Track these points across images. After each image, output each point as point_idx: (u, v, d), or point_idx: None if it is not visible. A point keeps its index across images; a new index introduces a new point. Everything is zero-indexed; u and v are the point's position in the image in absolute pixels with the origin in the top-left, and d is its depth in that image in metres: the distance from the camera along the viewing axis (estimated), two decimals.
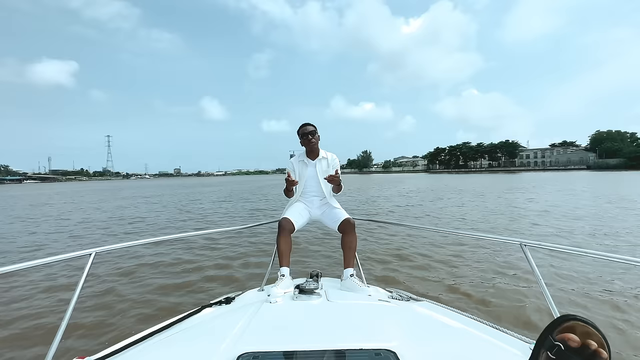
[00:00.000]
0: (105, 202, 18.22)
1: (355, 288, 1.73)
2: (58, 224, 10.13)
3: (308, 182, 2.27)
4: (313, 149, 2.24)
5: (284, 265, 1.87)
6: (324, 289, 1.68)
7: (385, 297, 1.60)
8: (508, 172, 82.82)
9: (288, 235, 1.97)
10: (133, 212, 12.81)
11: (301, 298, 1.49)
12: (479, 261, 4.85)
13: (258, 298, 1.60)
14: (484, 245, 5.51)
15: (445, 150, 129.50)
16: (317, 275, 1.79)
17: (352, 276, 1.81)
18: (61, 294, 3.92)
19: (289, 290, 1.62)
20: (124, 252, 5.49)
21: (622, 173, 49.53)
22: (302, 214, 2.19)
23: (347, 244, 1.99)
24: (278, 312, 1.34)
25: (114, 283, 4.27)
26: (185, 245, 6.13)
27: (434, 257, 5.08)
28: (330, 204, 2.24)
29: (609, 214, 9.16)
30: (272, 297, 1.48)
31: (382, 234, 6.73)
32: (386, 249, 5.65)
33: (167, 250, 5.83)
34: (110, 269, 4.83)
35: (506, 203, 12.67)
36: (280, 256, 1.91)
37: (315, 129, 2.20)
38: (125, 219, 10.78)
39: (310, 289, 1.51)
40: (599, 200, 12.79)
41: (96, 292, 3.93)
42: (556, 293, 3.57)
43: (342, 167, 2.36)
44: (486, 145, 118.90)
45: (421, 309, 1.46)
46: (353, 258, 1.97)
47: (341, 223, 2.04)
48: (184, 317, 1.43)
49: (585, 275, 4.12)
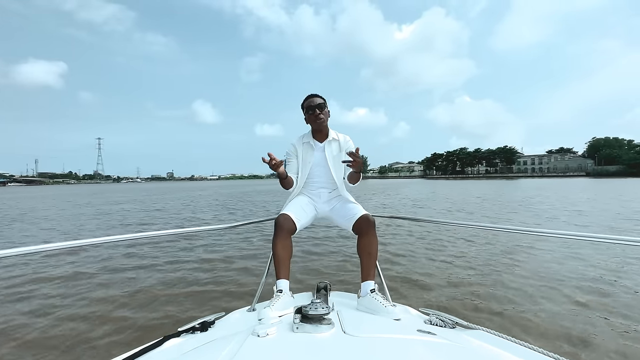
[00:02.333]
0: (36, 211, 15.21)
1: (378, 309, 1.30)
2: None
3: (314, 170, 1.86)
4: (321, 128, 1.83)
5: (282, 278, 1.48)
6: (336, 310, 1.24)
7: (422, 323, 1.18)
8: (506, 178, 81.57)
9: (288, 237, 1.57)
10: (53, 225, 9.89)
11: (304, 328, 1.01)
12: (562, 266, 3.71)
13: (245, 324, 1.22)
14: (574, 247, 4.37)
15: (443, 155, 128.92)
16: (326, 289, 1.53)
17: (374, 292, 1.41)
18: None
19: (287, 312, 1.27)
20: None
21: (627, 180, 47.77)
22: (305, 209, 1.78)
23: (366, 248, 1.56)
24: (269, 352, 0.90)
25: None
26: (147, 246, 4.89)
27: (486, 263, 4.03)
28: (343, 196, 1.84)
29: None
30: (263, 327, 1.02)
31: (407, 234, 5.55)
32: (414, 253, 4.60)
33: (114, 252, 4.64)
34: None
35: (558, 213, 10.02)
36: (277, 265, 1.50)
37: (324, 101, 1.79)
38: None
39: (317, 315, 1.02)
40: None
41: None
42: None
43: None
44: (484, 151, 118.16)
45: (477, 341, 1.02)
46: (374, 267, 1.56)
47: (357, 221, 1.62)
48: (138, 353, 1.00)
49: None
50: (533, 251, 4.63)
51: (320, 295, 1.50)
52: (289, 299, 1.40)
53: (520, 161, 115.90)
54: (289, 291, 1.46)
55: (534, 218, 9.08)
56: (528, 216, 9.51)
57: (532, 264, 3.97)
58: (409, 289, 3.43)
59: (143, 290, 3.49)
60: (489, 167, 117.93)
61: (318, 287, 1.55)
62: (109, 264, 4.47)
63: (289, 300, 1.38)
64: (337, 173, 1.85)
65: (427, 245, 5.10)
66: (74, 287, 3.65)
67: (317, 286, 1.55)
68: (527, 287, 3.34)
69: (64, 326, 2.71)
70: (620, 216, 8.89)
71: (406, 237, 5.62)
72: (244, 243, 5.42)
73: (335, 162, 1.84)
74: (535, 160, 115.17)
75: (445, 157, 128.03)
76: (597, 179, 61.83)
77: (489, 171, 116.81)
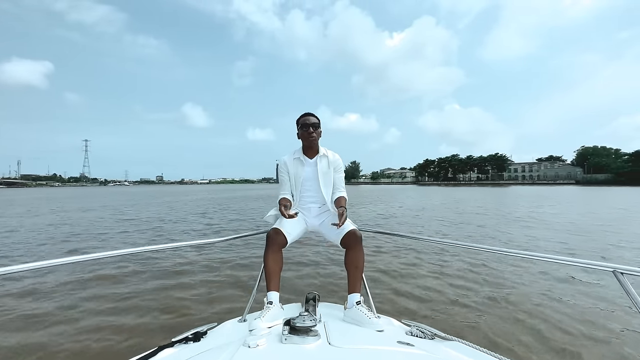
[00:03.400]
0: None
1: (363, 320, 1.41)
2: None
3: (305, 185, 1.93)
4: (312, 145, 1.90)
5: (272, 290, 1.56)
6: (323, 321, 1.35)
7: (403, 334, 1.30)
8: (498, 185, 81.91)
9: (279, 250, 1.65)
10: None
11: (292, 340, 1.09)
12: (532, 286, 3.88)
13: (237, 334, 1.32)
14: (546, 270, 4.31)
15: (435, 162, 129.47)
16: (315, 300, 1.61)
17: (359, 304, 1.50)
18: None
19: (276, 323, 1.35)
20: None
21: (618, 189, 48.08)
22: (296, 224, 1.82)
23: (353, 262, 1.64)
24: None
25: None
26: (143, 260, 4.80)
27: (465, 278, 4.18)
28: (331, 211, 1.91)
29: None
30: (254, 338, 1.11)
31: (392, 249, 5.78)
32: (399, 267, 4.72)
33: (113, 267, 4.52)
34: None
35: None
36: (268, 277, 1.58)
37: (318, 121, 1.89)
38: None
39: (305, 327, 1.10)
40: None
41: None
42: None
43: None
44: (475, 158, 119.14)
45: (453, 352, 1.12)
46: (360, 280, 1.63)
47: (345, 236, 1.68)
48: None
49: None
50: (511, 269, 4.71)
51: (309, 306, 1.55)
52: (279, 311, 1.46)
53: (511, 168, 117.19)
54: (279, 303, 1.51)
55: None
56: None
57: (510, 282, 4.16)
58: (394, 301, 3.57)
59: (136, 301, 3.55)
60: (480, 174, 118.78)
61: (307, 297, 1.61)
62: (100, 274, 4.49)
63: (278, 312, 1.45)
64: (326, 188, 1.90)
65: (411, 260, 5.18)
66: (67, 299, 3.61)
67: (306, 297, 1.61)
68: (502, 302, 3.52)
69: (58, 338, 2.75)
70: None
71: (392, 251, 5.75)
72: (236, 255, 5.47)
73: (325, 178, 1.90)
74: (525, 167, 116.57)
75: (438, 163, 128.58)
76: (586, 187, 63.00)
77: (480, 178, 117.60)
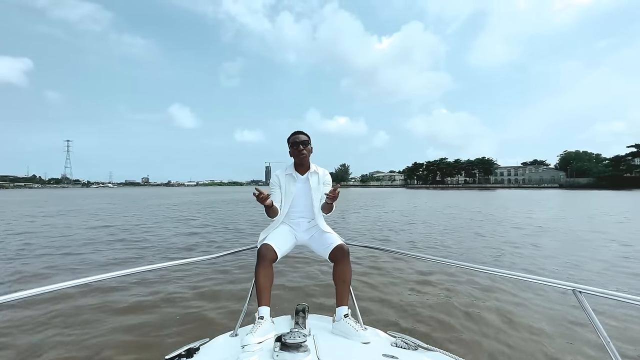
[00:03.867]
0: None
1: (350, 333, 1.47)
2: None
3: (296, 200, 1.95)
4: (303, 162, 1.96)
5: (263, 304, 1.58)
6: (313, 335, 1.41)
7: (388, 345, 1.36)
8: (485, 189, 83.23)
9: (269, 265, 1.66)
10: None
11: (283, 356, 1.12)
12: (505, 302, 3.86)
13: (229, 350, 1.34)
14: (522, 287, 4.28)
15: (423, 165, 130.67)
16: (304, 311, 1.65)
17: (347, 316, 1.56)
18: None
19: (268, 337, 1.39)
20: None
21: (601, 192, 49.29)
22: (286, 238, 1.87)
23: (341, 276, 1.69)
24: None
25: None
26: (136, 279, 4.60)
27: (447, 292, 4.25)
28: (319, 226, 1.93)
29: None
30: (246, 354, 1.18)
31: (380, 262, 5.68)
32: (385, 280, 4.80)
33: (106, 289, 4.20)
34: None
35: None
36: (259, 292, 1.59)
37: (308, 139, 1.96)
38: None
39: (295, 344, 1.13)
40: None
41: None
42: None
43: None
44: (463, 161, 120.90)
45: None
46: (347, 293, 1.70)
47: (333, 250, 1.74)
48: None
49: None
50: (496, 285, 4.59)
51: (299, 318, 1.60)
52: (270, 325, 1.49)
53: (498, 172, 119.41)
54: (270, 317, 1.54)
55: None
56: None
57: (501, 298, 4.09)
58: (380, 312, 3.65)
59: (127, 318, 3.49)
60: (467, 177, 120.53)
61: (297, 310, 1.64)
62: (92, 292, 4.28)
63: (269, 327, 1.48)
64: (316, 203, 1.93)
65: (397, 273, 5.20)
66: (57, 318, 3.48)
67: (296, 309, 1.64)
68: (476, 316, 3.51)
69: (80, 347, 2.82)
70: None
71: (379, 264, 5.70)
72: (227, 269, 5.39)
73: (316, 194, 1.92)
74: (511, 171, 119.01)
75: (426, 167, 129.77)
76: (568, 190, 64.91)
77: (468, 181, 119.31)
